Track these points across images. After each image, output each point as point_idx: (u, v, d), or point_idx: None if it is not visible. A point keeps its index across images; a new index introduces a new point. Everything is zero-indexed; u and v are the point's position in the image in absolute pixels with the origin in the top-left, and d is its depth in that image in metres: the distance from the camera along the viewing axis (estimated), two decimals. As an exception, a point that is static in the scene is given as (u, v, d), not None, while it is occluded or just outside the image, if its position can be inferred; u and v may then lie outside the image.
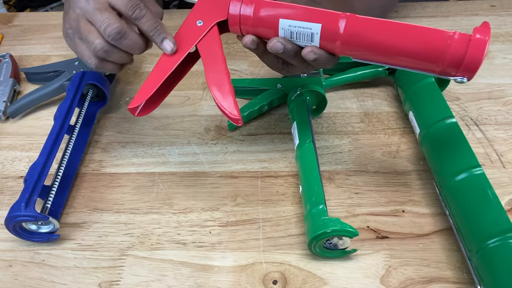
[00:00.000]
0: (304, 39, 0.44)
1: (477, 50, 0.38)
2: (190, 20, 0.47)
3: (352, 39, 0.42)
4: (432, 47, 0.39)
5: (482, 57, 0.38)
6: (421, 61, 0.40)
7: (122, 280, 0.47)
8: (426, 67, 0.41)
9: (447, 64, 0.39)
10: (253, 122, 0.62)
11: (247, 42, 0.45)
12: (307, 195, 0.48)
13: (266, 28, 0.44)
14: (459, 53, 0.39)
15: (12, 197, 0.55)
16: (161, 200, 0.54)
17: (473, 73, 0.39)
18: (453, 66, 0.39)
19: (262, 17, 0.44)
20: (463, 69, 0.39)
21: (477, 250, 0.42)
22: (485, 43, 0.38)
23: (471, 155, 0.48)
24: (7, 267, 0.48)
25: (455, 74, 0.40)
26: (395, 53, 0.41)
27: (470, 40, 0.38)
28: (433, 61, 0.40)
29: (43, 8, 1.71)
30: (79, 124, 0.58)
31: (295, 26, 0.43)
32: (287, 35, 0.44)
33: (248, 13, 0.44)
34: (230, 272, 0.47)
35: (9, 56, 0.71)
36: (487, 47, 0.38)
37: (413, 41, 0.40)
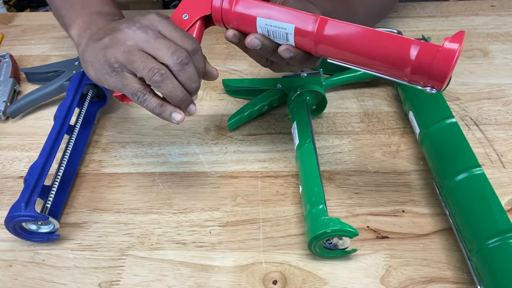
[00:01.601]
0: (280, 38, 0.45)
1: (444, 61, 0.38)
2: (177, 13, 0.48)
3: (324, 42, 0.43)
4: (398, 55, 0.39)
5: (449, 69, 0.38)
6: (388, 68, 0.41)
7: (122, 280, 0.47)
8: (394, 74, 0.41)
9: (412, 73, 0.39)
10: (253, 122, 0.62)
11: (229, 36, 0.47)
12: (307, 195, 0.48)
13: (246, 24, 0.46)
14: (424, 64, 0.38)
15: (12, 197, 0.55)
16: (161, 200, 0.54)
17: (441, 84, 0.39)
18: (419, 76, 0.39)
19: (241, 13, 0.45)
20: (430, 80, 0.39)
21: (477, 250, 0.42)
22: (453, 54, 0.37)
23: (471, 155, 0.48)
24: (7, 267, 0.48)
25: (424, 85, 0.40)
26: (364, 58, 0.41)
27: (437, 51, 0.38)
28: (399, 69, 0.40)
29: (43, 8, 1.71)
30: (79, 124, 0.58)
31: (271, 25, 0.44)
32: (265, 32, 0.45)
33: (229, 8, 0.46)
34: (230, 272, 0.47)
35: (9, 56, 0.71)
36: (455, 60, 0.37)
37: (380, 47, 0.40)
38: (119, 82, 0.44)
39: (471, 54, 0.70)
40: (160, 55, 0.43)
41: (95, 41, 0.46)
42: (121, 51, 0.44)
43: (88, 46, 0.47)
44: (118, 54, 0.44)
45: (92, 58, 0.46)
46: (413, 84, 0.41)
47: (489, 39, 0.73)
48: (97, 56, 0.45)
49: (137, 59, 0.43)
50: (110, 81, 0.45)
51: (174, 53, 0.43)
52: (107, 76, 0.45)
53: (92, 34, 0.48)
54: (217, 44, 0.75)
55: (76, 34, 0.52)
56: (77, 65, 0.65)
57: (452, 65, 0.38)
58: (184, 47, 0.44)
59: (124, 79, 0.44)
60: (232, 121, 0.60)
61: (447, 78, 0.38)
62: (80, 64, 0.65)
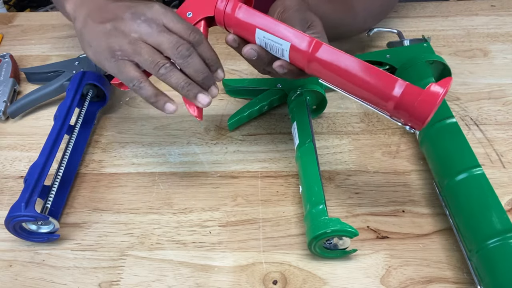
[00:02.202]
0: (276, 52, 0.46)
1: (427, 103, 0.39)
2: (181, 10, 0.49)
3: (315, 64, 0.44)
4: (382, 90, 0.41)
5: (430, 111, 0.39)
6: (372, 100, 0.42)
7: (122, 280, 0.47)
8: (378, 107, 0.42)
9: (395, 109, 0.40)
10: (253, 122, 0.62)
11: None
12: (307, 195, 0.48)
13: (246, 32, 0.47)
14: (408, 102, 0.39)
15: (12, 197, 0.55)
16: (161, 200, 0.54)
17: (420, 125, 0.40)
18: (402, 113, 0.40)
19: (242, 21, 0.46)
20: (411, 118, 0.40)
21: (477, 250, 0.42)
22: (437, 97, 0.38)
23: (471, 155, 0.48)
24: (7, 267, 0.48)
25: (405, 123, 0.41)
26: (351, 86, 0.42)
27: (421, 93, 0.39)
28: (382, 103, 0.41)
29: (43, 8, 1.71)
30: (79, 124, 0.58)
31: (268, 39, 0.45)
32: (262, 44, 0.46)
33: (231, 13, 0.46)
34: (230, 272, 0.47)
35: (9, 56, 0.71)
36: (438, 103, 0.38)
37: (367, 80, 0.41)
38: (116, 68, 0.45)
39: (471, 54, 0.70)
40: (164, 48, 0.44)
41: (96, 23, 0.46)
42: (126, 42, 0.45)
43: (87, 25, 0.47)
44: (123, 44, 0.45)
45: (91, 39, 0.47)
46: (394, 120, 0.42)
47: (489, 39, 0.73)
48: (98, 39, 0.46)
49: (143, 52, 0.44)
50: (108, 66, 0.46)
51: (175, 46, 0.44)
52: (105, 62, 0.46)
53: (90, 11, 0.48)
54: (217, 44, 0.75)
55: (72, 8, 0.52)
56: (77, 65, 0.65)
57: (434, 108, 0.39)
58: (187, 39, 0.45)
59: (123, 66, 0.45)
60: (232, 121, 0.60)
61: (427, 119, 0.39)
62: (80, 64, 0.65)
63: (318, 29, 0.49)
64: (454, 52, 0.71)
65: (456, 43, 0.73)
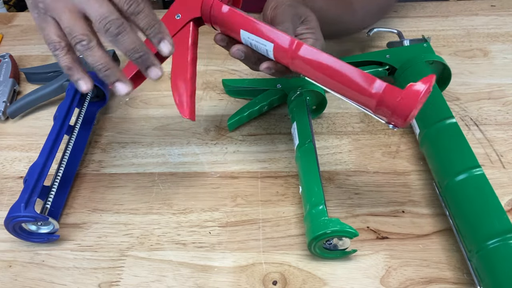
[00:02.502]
0: (262, 51, 0.46)
1: (406, 104, 0.39)
2: (170, 12, 0.49)
3: (298, 64, 0.44)
4: (361, 90, 0.41)
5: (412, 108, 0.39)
6: (354, 99, 0.42)
7: (122, 280, 0.47)
8: (362, 105, 0.42)
9: (375, 108, 0.41)
10: (253, 122, 0.62)
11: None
12: (307, 195, 0.48)
13: (232, 32, 0.47)
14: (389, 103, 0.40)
15: (11, 197, 0.55)
16: (161, 201, 0.54)
17: (402, 122, 0.40)
18: (384, 111, 0.41)
19: (227, 22, 0.46)
20: (393, 116, 0.40)
21: (477, 250, 0.42)
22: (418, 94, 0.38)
23: (471, 155, 0.48)
24: (6, 268, 0.48)
25: (388, 121, 0.41)
26: (333, 84, 0.43)
27: (401, 92, 0.39)
28: (364, 102, 0.41)
29: (43, 8, 1.71)
30: (78, 124, 0.58)
31: (253, 39, 0.45)
32: (248, 44, 0.47)
33: (217, 15, 0.47)
34: (230, 272, 0.47)
35: (9, 56, 0.71)
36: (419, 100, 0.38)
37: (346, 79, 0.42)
38: (38, 23, 0.41)
39: (471, 54, 0.70)
40: (91, 19, 0.39)
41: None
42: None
43: None
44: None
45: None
46: (378, 117, 0.42)
47: (489, 39, 0.73)
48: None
49: (64, 18, 0.39)
50: (33, 17, 0.41)
51: (103, 22, 0.38)
52: (31, 11, 0.41)
53: None
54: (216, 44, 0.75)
55: None
56: (77, 65, 0.65)
57: (415, 104, 0.39)
58: (123, 9, 0.39)
59: (44, 23, 0.40)
60: (232, 121, 0.60)
61: (409, 117, 0.39)
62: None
63: (312, 24, 0.49)
64: (454, 52, 0.71)
65: (456, 43, 0.73)
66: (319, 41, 0.49)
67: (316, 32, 0.49)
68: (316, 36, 0.49)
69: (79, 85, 0.42)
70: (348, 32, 0.69)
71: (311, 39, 0.48)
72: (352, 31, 0.69)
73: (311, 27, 0.49)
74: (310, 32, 0.49)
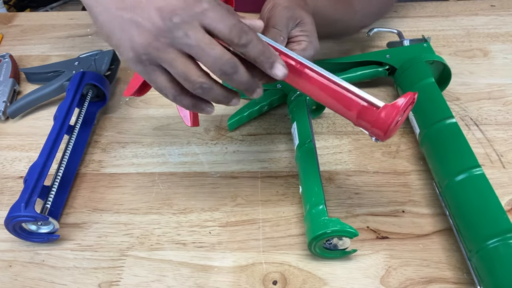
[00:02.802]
0: None
1: (381, 124, 0.39)
2: None
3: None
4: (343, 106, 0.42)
5: (383, 134, 0.40)
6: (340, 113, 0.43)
7: (122, 280, 0.47)
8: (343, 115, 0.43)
9: (356, 121, 0.42)
10: (253, 122, 0.62)
11: None
12: (307, 195, 0.48)
13: None
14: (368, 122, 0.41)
15: (12, 197, 0.55)
16: (161, 201, 0.54)
17: (381, 139, 0.41)
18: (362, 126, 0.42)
19: None
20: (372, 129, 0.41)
21: (477, 250, 0.42)
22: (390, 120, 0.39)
23: (471, 155, 0.48)
24: (7, 268, 0.48)
25: (370, 134, 0.42)
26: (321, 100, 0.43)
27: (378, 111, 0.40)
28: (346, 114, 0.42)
29: (43, 8, 1.71)
30: (79, 124, 0.58)
31: None
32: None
33: None
34: (230, 272, 0.47)
35: (9, 56, 0.71)
36: (394, 120, 0.39)
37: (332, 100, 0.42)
38: (145, 75, 0.39)
39: (471, 54, 0.70)
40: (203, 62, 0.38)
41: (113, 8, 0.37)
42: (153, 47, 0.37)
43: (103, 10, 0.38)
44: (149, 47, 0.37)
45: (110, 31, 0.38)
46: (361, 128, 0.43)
47: (489, 39, 0.73)
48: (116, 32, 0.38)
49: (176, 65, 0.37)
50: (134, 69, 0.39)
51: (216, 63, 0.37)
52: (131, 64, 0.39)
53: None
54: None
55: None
56: (77, 65, 0.65)
57: (389, 124, 0.39)
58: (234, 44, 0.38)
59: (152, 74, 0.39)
60: (232, 121, 0.60)
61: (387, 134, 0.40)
62: (80, 64, 0.65)
63: (307, 27, 0.49)
64: (454, 52, 0.71)
65: (456, 43, 0.73)
66: (313, 44, 0.49)
67: (311, 35, 0.49)
68: (310, 39, 0.49)
69: (208, 111, 0.42)
70: (348, 32, 0.69)
71: (305, 42, 0.48)
72: (352, 31, 0.69)
73: (306, 30, 0.49)
74: (305, 35, 0.49)
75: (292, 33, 0.48)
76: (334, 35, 0.70)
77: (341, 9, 0.61)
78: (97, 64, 0.65)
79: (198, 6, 0.36)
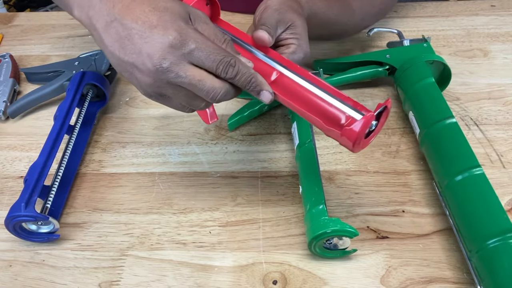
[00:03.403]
0: None
1: (347, 138, 0.40)
2: None
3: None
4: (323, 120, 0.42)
5: (351, 146, 0.40)
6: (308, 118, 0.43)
7: (122, 280, 0.47)
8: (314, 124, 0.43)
9: (326, 131, 0.42)
10: (253, 122, 0.62)
11: None
12: (307, 195, 0.48)
13: None
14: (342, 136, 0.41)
15: (12, 197, 0.55)
16: (161, 200, 0.54)
17: (350, 149, 0.41)
18: (331, 136, 0.42)
19: None
20: (340, 140, 0.41)
21: (477, 250, 0.42)
22: (354, 135, 0.39)
23: (471, 155, 0.48)
24: (7, 267, 0.48)
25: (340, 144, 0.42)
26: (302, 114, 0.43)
27: (344, 126, 0.40)
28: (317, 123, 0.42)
29: (43, 8, 1.71)
30: (79, 124, 0.58)
31: None
32: None
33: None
34: (230, 272, 0.47)
35: (9, 56, 0.71)
36: (357, 136, 0.39)
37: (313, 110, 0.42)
38: (160, 102, 0.43)
39: (471, 54, 0.70)
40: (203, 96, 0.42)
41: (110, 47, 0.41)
42: (152, 90, 0.41)
43: (102, 42, 0.42)
44: (147, 89, 0.41)
45: (114, 65, 0.43)
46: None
47: (489, 39, 0.73)
48: (118, 69, 0.42)
49: (173, 102, 0.43)
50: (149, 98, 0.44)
51: (214, 94, 0.41)
52: (156, 99, 0.43)
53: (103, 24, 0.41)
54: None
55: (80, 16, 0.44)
56: (77, 65, 0.65)
57: (355, 140, 0.39)
58: (220, 75, 0.41)
59: (165, 103, 0.43)
60: (232, 121, 0.60)
61: (352, 148, 0.40)
62: (80, 64, 0.65)
63: (298, 30, 0.49)
64: (454, 52, 0.71)
65: (456, 43, 0.73)
66: (302, 48, 0.49)
67: (301, 39, 0.49)
68: (299, 42, 0.49)
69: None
70: (347, 33, 0.70)
71: (293, 45, 0.49)
72: (351, 31, 0.69)
73: (296, 33, 0.49)
74: (294, 38, 0.49)
75: (282, 36, 0.49)
76: (333, 36, 0.70)
77: (339, 11, 0.61)
78: (97, 64, 0.65)
79: (185, 47, 0.39)
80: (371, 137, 0.41)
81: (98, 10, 0.41)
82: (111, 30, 0.40)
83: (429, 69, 0.58)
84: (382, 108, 0.40)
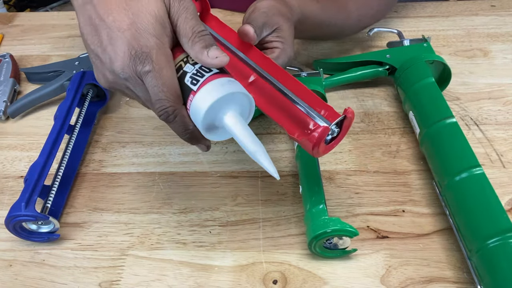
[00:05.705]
0: None
1: (307, 144, 0.41)
2: None
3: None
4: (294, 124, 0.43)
5: (311, 151, 0.41)
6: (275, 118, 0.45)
7: (122, 280, 0.47)
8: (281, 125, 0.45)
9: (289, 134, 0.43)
10: (253, 122, 0.62)
11: None
12: (307, 194, 0.48)
13: None
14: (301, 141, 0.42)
15: (12, 197, 0.55)
16: (161, 200, 0.54)
17: (312, 154, 0.42)
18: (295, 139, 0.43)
19: None
20: (302, 143, 0.42)
21: (477, 250, 0.42)
22: (311, 142, 0.40)
23: (471, 155, 0.48)
24: (7, 267, 0.48)
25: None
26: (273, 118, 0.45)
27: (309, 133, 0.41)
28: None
29: (43, 8, 1.71)
30: (79, 124, 0.58)
31: None
32: None
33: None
34: (230, 272, 0.47)
35: (9, 56, 0.71)
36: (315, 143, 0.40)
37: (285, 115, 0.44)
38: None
39: (471, 54, 0.71)
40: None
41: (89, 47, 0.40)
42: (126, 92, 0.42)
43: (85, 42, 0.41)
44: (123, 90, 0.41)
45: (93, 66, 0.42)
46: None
47: (489, 39, 0.73)
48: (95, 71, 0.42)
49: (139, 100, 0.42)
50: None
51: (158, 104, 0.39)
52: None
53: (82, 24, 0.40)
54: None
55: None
56: (77, 65, 0.65)
57: (316, 150, 0.41)
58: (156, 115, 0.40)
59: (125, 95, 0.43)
60: (232, 121, 0.60)
61: (314, 151, 0.41)
62: (80, 64, 0.65)
63: (283, 34, 0.50)
64: (454, 52, 0.71)
65: (456, 43, 0.73)
66: (286, 51, 0.50)
67: (285, 42, 0.50)
68: (284, 46, 0.50)
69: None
70: (343, 34, 0.70)
71: (278, 49, 0.50)
72: (348, 32, 0.69)
73: (281, 37, 0.50)
74: (279, 41, 0.50)
75: (268, 38, 0.50)
76: (329, 37, 0.70)
77: (333, 13, 0.61)
78: (97, 64, 0.65)
79: (142, 66, 0.38)
80: (334, 143, 0.42)
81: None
82: (85, 12, 0.39)
83: (429, 69, 0.58)
84: (342, 117, 0.41)
